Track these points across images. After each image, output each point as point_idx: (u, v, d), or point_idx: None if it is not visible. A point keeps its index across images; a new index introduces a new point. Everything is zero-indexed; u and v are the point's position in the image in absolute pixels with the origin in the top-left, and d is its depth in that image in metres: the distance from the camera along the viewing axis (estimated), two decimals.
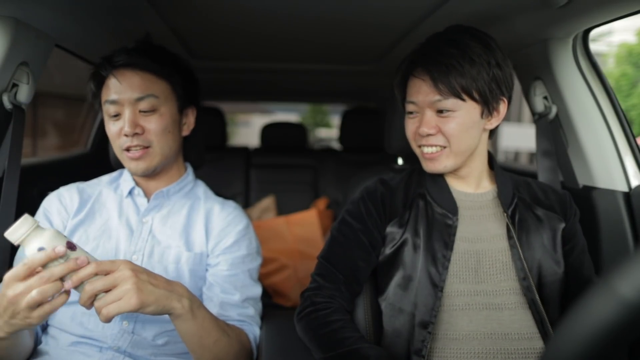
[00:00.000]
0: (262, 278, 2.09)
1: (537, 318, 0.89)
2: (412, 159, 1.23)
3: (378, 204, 1.00)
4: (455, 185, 1.00)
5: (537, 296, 0.89)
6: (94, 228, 1.03)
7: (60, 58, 1.49)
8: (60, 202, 1.05)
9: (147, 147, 1.02)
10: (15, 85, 1.09)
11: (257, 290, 1.09)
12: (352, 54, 1.71)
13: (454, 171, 0.98)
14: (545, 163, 1.29)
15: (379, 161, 2.67)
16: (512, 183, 1.01)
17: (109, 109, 1.02)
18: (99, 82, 1.04)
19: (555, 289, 0.92)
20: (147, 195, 1.09)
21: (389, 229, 0.98)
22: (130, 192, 1.08)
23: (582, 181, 1.26)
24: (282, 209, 2.50)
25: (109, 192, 1.09)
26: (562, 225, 0.97)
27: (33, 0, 0.99)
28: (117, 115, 1.01)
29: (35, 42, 1.12)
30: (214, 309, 0.98)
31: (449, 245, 0.92)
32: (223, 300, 1.02)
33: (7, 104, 1.07)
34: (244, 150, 2.78)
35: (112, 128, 1.03)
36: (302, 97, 3.63)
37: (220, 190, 1.24)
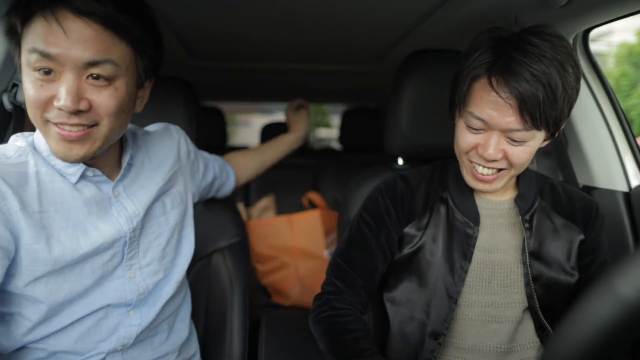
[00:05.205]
0: (261, 276, 2.10)
1: (546, 334, 0.88)
2: (412, 159, 1.23)
3: (397, 202, 0.95)
4: (479, 192, 0.94)
5: (540, 312, 0.87)
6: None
7: None
8: None
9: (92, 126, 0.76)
10: (15, 85, 1.08)
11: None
12: (352, 54, 1.71)
13: None
14: (545, 163, 1.29)
15: (379, 161, 2.67)
16: (537, 187, 0.94)
17: (35, 62, 0.70)
18: (25, 17, 0.71)
19: (568, 303, 0.90)
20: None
21: (406, 230, 0.94)
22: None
23: (582, 181, 1.26)
24: (282, 209, 2.50)
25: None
26: (581, 237, 0.91)
27: None
28: (48, 73, 0.71)
29: None
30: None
31: (467, 256, 0.89)
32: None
33: (7, 104, 1.07)
34: None
35: (36, 93, 0.72)
36: (302, 97, 3.63)
37: None
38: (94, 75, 0.72)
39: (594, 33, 1.17)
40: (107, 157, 0.86)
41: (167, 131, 1.06)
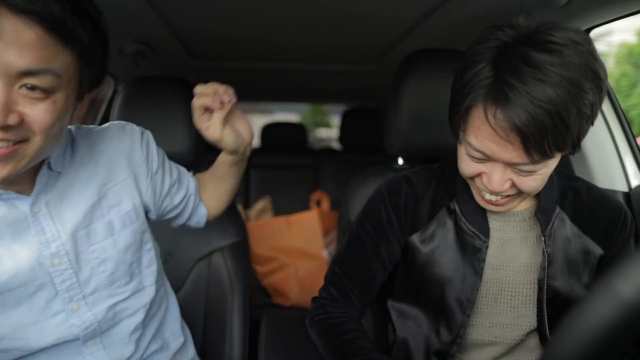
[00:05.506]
0: (261, 277, 2.10)
1: None
2: (412, 159, 1.23)
3: (400, 210, 0.88)
4: None
5: (548, 333, 0.83)
6: None
7: None
8: None
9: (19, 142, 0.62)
10: None
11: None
12: (352, 54, 1.71)
13: None
14: None
15: (379, 161, 2.68)
16: (559, 194, 0.83)
17: None
18: None
19: None
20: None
21: (410, 239, 0.87)
22: None
23: None
24: (282, 209, 2.50)
25: None
26: (599, 253, 0.82)
27: None
28: None
29: None
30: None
31: (478, 272, 0.82)
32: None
33: None
34: None
35: None
36: (302, 97, 3.63)
37: None
38: (29, 86, 0.59)
39: (594, 33, 1.17)
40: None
41: (120, 131, 0.86)
